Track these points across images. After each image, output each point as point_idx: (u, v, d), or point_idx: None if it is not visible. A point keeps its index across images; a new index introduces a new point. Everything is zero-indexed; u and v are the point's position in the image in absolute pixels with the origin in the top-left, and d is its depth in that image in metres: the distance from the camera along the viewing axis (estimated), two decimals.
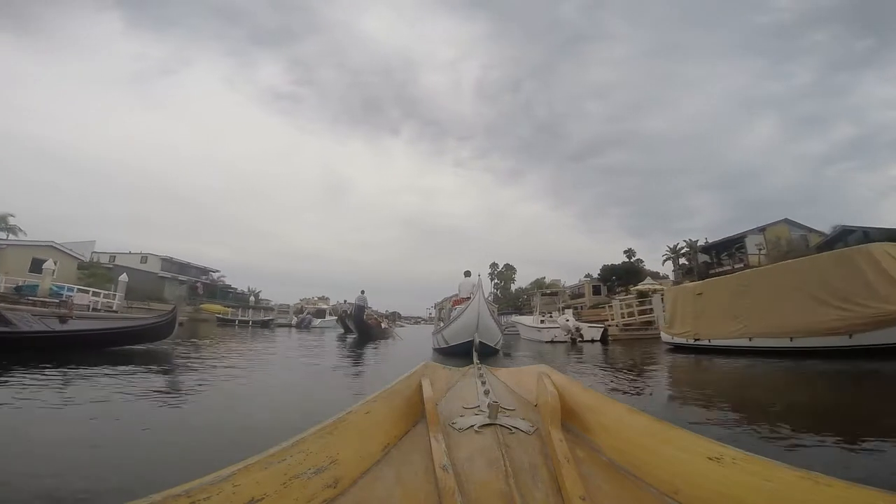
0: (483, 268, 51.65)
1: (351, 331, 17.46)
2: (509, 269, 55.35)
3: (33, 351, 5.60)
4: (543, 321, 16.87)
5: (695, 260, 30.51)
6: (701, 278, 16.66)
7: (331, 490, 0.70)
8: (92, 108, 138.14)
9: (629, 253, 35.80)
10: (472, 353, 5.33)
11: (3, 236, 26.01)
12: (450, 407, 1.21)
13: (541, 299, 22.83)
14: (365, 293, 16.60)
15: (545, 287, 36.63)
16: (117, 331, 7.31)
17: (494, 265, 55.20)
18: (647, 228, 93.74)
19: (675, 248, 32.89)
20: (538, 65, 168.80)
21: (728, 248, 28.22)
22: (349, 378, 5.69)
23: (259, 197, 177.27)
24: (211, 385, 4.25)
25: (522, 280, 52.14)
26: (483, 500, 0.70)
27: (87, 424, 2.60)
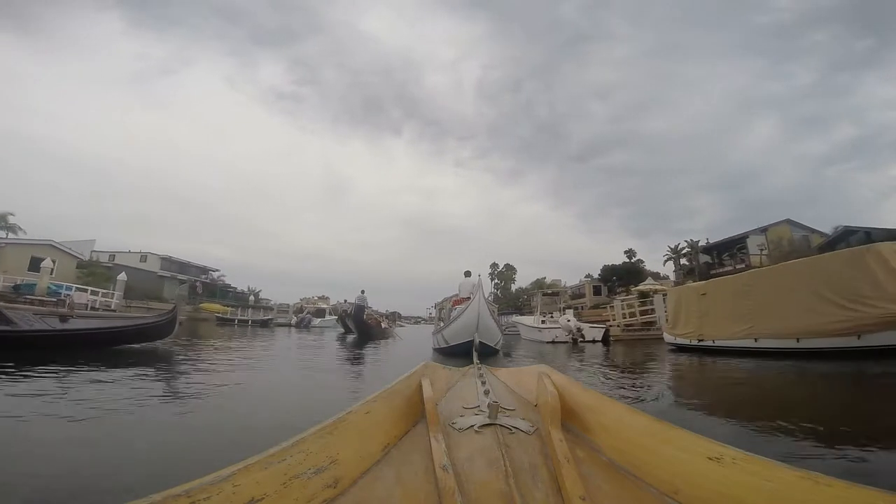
0: (483, 268, 51.87)
1: (351, 330, 17.44)
2: (509, 270, 55.36)
3: (34, 350, 5.60)
4: (544, 321, 16.82)
5: (696, 260, 30.49)
6: (702, 279, 16.67)
7: (331, 490, 0.70)
8: (92, 108, 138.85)
9: (630, 253, 35.72)
10: (472, 353, 5.32)
11: (3, 235, 26.05)
12: (450, 407, 1.21)
13: (541, 299, 22.76)
14: (365, 293, 16.63)
15: (546, 287, 36.59)
16: (119, 330, 7.31)
17: (495, 265, 55.26)
18: (648, 229, 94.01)
19: (676, 249, 32.89)
20: (539, 65, 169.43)
21: (729, 249, 28.21)
22: (349, 378, 5.68)
23: (260, 196, 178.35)
24: (211, 385, 4.24)
25: (523, 280, 52.29)
26: (483, 500, 0.70)
27: (87, 424, 2.59)
